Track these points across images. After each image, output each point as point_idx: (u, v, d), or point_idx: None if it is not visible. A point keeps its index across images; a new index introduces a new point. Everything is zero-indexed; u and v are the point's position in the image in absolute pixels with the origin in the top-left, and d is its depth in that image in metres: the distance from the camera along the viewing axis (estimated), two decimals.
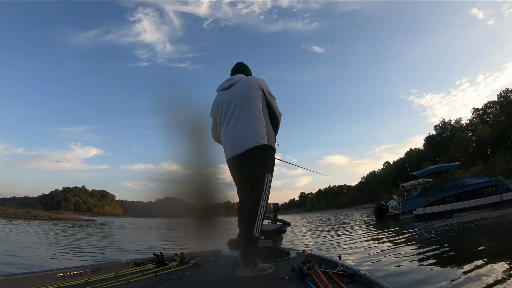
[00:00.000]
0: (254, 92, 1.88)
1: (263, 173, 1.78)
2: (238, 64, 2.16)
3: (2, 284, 1.21)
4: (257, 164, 1.78)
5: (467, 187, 11.88)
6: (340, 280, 1.44)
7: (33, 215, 32.10)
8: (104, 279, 1.49)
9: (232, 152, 1.85)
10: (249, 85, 1.90)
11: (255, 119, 1.82)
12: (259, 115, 1.84)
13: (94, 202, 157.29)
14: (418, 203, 12.40)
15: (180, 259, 2.04)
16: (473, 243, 4.38)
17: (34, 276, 1.33)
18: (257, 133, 1.79)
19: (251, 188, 1.77)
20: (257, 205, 1.74)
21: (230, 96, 1.93)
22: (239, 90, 1.91)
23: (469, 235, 5.56)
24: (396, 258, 3.57)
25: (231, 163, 1.91)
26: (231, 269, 1.78)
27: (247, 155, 1.77)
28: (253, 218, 1.71)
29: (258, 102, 1.87)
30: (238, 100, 1.87)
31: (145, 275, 1.61)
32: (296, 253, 2.56)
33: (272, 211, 3.33)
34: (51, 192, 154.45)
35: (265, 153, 1.80)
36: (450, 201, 11.74)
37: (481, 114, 59.01)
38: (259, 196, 1.75)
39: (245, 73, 2.10)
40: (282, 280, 1.54)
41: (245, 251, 1.73)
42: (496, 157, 38.09)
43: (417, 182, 14.59)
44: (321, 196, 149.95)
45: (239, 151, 1.80)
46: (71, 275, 1.47)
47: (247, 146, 1.77)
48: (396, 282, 2.46)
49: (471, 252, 3.64)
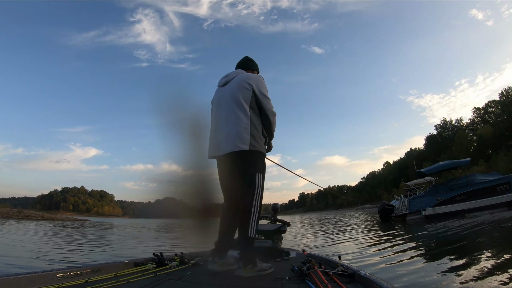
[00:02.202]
0: (242, 93, 1.84)
1: (252, 175, 1.79)
2: (244, 59, 2.15)
3: (2, 284, 1.21)
4: (247, 166, 1.78)
5: (479, 184, 11.10)
6: (339, 280, 1.44)
7: (25, 214, 31.49)
8: (104, 279, 1.49)
9: (212, 152, 1.91)
10: (239, 84, 1.87)
11: (239, 122, 1.79)
12: (244, 118, 1.80)
13: (93, 202, 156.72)
14: (426, 202, 11.54)
15: (180, 259, 2.04)
16: (492, 247, 3.85)
17: (34, 276, 1.33)
18: (239, 137, 1.76)
19: (243, 188, 1.78)
20: (250, 206, 1.75)
21: (221, 95, 1.95)
22: (229, 90, 1.91)
23: (488, 238, 5.06)
24: (404, 263, 3.36)
25: (218, 163, 1.95)
26: (231, 269, 1.78)
27: (227, 159, 1.80)
28: (247, 219, 1.73)
29: (245, 103, 1.83)
30: (226, 100, 1.88)
31: (145, 275, 1.61)
32: (295, 253, 2.57)
33: (272, 211, 3.34)
34: (50, 193, 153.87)
35: (245, 158, 1.78)
36: (461, 200, 10.92)
37: (482, 113, 58.93)
38: (252, 197, 1.76)
39: (246, 68, 2.08)
40: (281, 280, 1.54)
41: (242, 251, 1.75)
42: (499, 156, 37.80)
43: (424, 180, 13.75)
44: (320, 197, 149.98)
45: (219, 153, 1.84)
46: (71, 275, 1.47)
47: (228, 150, 1.78)
48: (397, 282, 2.46)
49: (489, 257, 3.26)
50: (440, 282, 2.43)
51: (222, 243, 1.85)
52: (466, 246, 4.33)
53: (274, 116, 1.97)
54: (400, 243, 5.07)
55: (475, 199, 10.62)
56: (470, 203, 10.57)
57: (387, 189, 68.24)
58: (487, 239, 4.82)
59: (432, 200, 11.50)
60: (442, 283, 2.38)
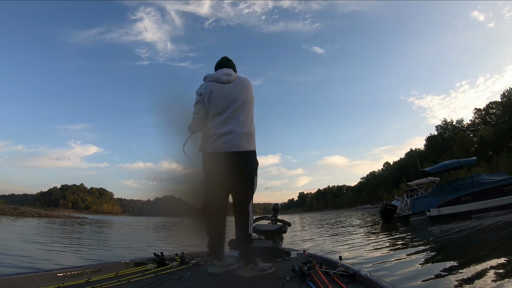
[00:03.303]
0: (250, 96, 1.96)
1: (253, 175, 1.88)
2: (228, 59, 2.13)
3: (2, 284, 1.21)
4: (250, 166, 1.86)
5: (485, 185, 10.66)
6: (340, 280, 1.44)
7: (21, 211, 31.37)
8: (105, 279, 1.49)
9: (225, 147, 1.81)
10: (249, 88, 1.98)
11: (253, 124, 1.93)
12: (252, 119, 1.94)
13: (92, 200, 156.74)
14: (430, 203, 11.04)
15: (180, 259, 2.04)
16: (505, 253, 3.47)
17: (34, 276, 1.33)
18: (249, 138, 1.87)
19: (245, 187, 1.83)
20: (248, 205, 1.82)
21: (231, 94, 1.91)
22: (240, 91, 1.92)
23: (497, 241, 4.71)
24: (408, 266, 3.22)
25: (217, 158, 1.82)
26: (232, 269, 1.79)
27: (237, 157, 1.79)
28: (246, 218, 1.79)
29: (253, 108, 1.97)
30: (240, 102, 1.89)
31: (146, 275, 1.61)
32: (296, 253, 2.57)
33: (272, 211, 3.33)
34: (49, 190, 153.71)
35: (252, 158, 1.88)
36: (467, 201, 10.49)
37: (483, 114, 58.89)
38: (251, 197, 1.85)
39: (233, 69, 2.09)
40: (282, 280, 1.54)
41: (243, 250, 1.76)
42: (500, 157, 37.61)
43: (427, 180, 13.27)
44: (320, 197, 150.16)
45: (228, 150, 1.81)
46: (71, 275, 1.47)
47: (246, 148, 1.83)
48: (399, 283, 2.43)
49: (499, 265, 2.97)
50: (445, 286, 2.39)
51: (218, 245, 1.85)
52: (474, 251, 4.11)
53: None
54: (403, 245, 4.91)
55: (481, 200, 10.25)
56: (476, 204, 10.21)
57: (387, 189, 68.27)
58: (497, 243, 4.52)
59: (436, 200, 11.05)
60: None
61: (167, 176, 2.11)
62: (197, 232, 2.06)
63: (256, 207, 1.90)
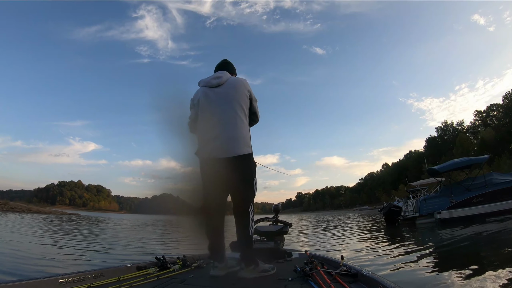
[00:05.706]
0: (243, 97, 1.91)
1: (249, 178, 1.85)
2: (227, 62, 2.16)
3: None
4: (242, 171, 1.79)
5: (499, 185, 9.89)
6: (342, 280, 1.43)
7: (10, 206, 30.96)
8: (107, 284, 1.49)
9: (214, 153, 1.77)
10: (239, 89, 1.92)
11: (243, 126, 1.86)
12: (245, 121, 1.90)
13: (90, 197, 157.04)
14: (439, 204, 10.27)
15: (182, 262, 2.04)
16: None
17: (36, 282, 1.33)
18: (245, 141, 1.84)
19: (243, 190, 1.81)
20: (249, 207, 1.82)
21: (219, 97, 1.89)
22: (229, 93, 1.89)
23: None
24: (418, 273, 2.99)
25: (211, 163, 1.80)
26: (233, 271, 1.78)
27: (234, 161, 1.75)
28: (247, 220, 1.79)
29: (246, 108, 1.92)
30: (228, 103, 1.86)
31: (148, 279, 1.63)
32: (298, 254, 2.60)
33: (273, 212, 3.33)
34: (47, 186, 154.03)
35: (249, 161, 1.86)
36: (478, 202, 9.78)
37: (483, 116, 59.15)
38: (252, 199, 1.85)
39: (230, 71, 2.09)
40: (284, 281, 1.54)
41: (245, 251, 1.77)
42: (502, 160, 37.79)
43: (433, 179, 12.47)
44: (318, 197, 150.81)
45: (224, 155, 1.76)
46: (73, 280, 1.47)
47: (236, 153, 1.77)
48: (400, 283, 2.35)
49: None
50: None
51: (218, 247, 1.84)
52: (489, 259, 3.65)
53: (258, 120, 2.13)
54: (411, 250, 4.51)
55: (495, 201, 9.58)
56: (491, 206, 9.53)
57: (385, 190, 68.64)
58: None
59: (445, 201, 10.26)
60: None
61: (165, 175, 2.09)
62: (195, 232, 2.03)
63: (254, 207, 1.89)
